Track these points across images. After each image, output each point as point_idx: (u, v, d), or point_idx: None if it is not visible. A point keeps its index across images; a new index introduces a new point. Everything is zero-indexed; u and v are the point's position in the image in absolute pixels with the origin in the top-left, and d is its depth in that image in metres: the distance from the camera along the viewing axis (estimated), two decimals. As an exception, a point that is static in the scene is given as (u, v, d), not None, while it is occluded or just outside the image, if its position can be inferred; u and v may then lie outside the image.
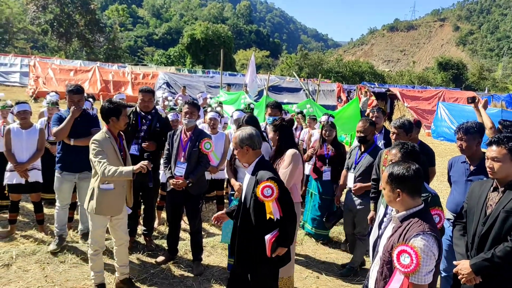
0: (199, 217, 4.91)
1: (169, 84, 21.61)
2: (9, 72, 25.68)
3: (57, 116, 5.00)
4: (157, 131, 5.11)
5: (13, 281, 4.29)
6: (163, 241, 5.42)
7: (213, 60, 53.03)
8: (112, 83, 23.17)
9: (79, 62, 29.04)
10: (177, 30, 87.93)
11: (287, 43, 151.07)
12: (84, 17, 45.14)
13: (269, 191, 3.12)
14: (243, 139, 3.34)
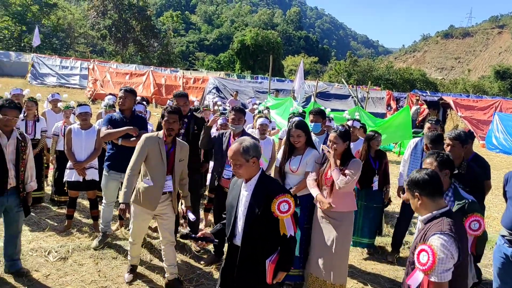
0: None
1: (219, 88, 22.00)
2: (70, 74, 27.08)
3: (108, 117, 5.21)
4: (194, 133, 5.23)
5: (69, 274, 4.53)
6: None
7: (262, 66, 53.39)
8: (165, 87, 23.90)
9: (134, 66, 30.17)
10: (227, 36, 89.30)
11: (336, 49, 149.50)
12: (140, 23, 46.92)
13: (285, 206, 2.85)
14: (249, 149, 2.90)
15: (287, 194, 2.90)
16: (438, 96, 26.21)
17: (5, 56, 30.46)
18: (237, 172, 2.99)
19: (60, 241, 5.42)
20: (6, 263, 4.36)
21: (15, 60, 29.68)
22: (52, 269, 4.59)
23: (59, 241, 5.43)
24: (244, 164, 2.91)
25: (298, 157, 4.43)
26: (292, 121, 4.57)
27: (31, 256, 4.81)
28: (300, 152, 4.45)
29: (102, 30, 46.42)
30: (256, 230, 2.92)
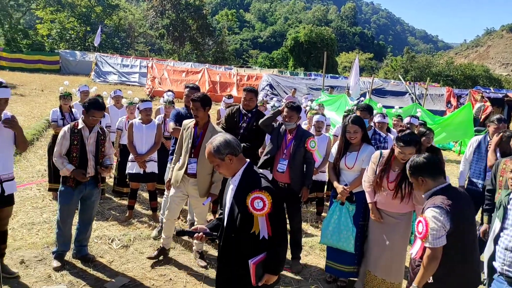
0: (299, 216, 5.00)
1: (272, 86, 22.09)
2: (130, 72, 28.23)
3: (175, 112, 5.47)
4: (252, 128, 5.30)
5: (131, 261, 4.77)
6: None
7: (315, 63, 52.84)
8: (219, 84, 24.34)
9: (190, 64, 30.89)
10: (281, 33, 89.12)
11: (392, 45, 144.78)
12: (196, 22, 47.95)
13: (260, 203, 2.66)
14: (220, 148, 2.78)
15: (264, 191, 2.67)
16: (502, 93, 24.71)
17: (71, 55, 32.25)
18: (219, 172, 2.95)
19: (122, 230, 5.72)
20: (75, 248, 4.67)
21: (80, 59, 31.35)
22: (115, 256, 4.85)
23: (121, 230, 5.72)
24: (220, 163, 2.83)
25: (354, 153, 4.39)
26: (348, 117, 4.53)
27: (96, 243, 5.11)
28: (356, 148, 4.40)
29: (160, 30, 47.93)
30: (238, 228, 2.78)
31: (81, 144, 4.39)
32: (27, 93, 18.79)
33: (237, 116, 5.38)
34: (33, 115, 13.48)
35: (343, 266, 4.43)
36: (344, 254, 4.37)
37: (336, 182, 4.49)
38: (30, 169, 8.19)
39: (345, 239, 4.29)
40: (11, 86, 20.10)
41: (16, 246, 4.86)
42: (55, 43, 41.62)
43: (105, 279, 4.35)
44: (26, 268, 4.40)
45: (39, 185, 7.28)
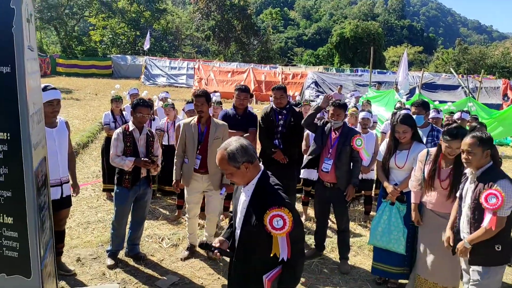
0: (347, 215, 4.92)
1: (318, 83, 21.89)
2: (178, 74, 28.95)
3: (223, 113, 5.54)
4: (291, 125, 5.26)
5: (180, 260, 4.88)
6: (310, 237, 5.55)
7: (362, 58, 51.82)
8: (264, 83, 24.43)
9: (236, 64, 31.28)
10: (326, 29, 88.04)
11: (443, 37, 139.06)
12: (241, 22, 48.39)
13: (280, 222, 2.38)
14: (236, 155, 2.47)
15: (283, 208, 2.39)
16: None
17: (122, 59, 33.52)
18: (231, 180, 2.64)
19: (171, 229, 5.86)
20: (127, 247, 4.83)
21: (130, 63, 32.53)
22: (165, 255, 4.98)
23: (170, 229, 5.86)
24: (235, 172, 2.51)
25: (404, 152, 4.24)
26: (396, 116, 4.39)
27: (147, 242, 5.27)
28: (406, 147, 4.26)
29: (206, 31, 48.76)
30: (251, 242, 2.54)
31: (133, 146, 4.53)
32: (82, 97, 19.71)
33: (272, 115, 5.35)
34: (87, 118, 14.11)
35: (391, 267, 4.31)
36: (393, 254, 4.25)
37: (386, 181, 4.35)
38: (85, 170, 8.58)
39: (396, 240, 4.16)
40: (67, 90, 21.21)
41: (73, 245, 5.10)
42: (107, 48, 43.47)
43: (156, 277, 4.47)
44: (82, 266, 4.61)
45: (94, 186, 7.60)
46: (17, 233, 2.30)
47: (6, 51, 2.17)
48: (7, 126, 2.22)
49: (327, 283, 4.52)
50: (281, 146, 5.23)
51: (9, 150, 2.23)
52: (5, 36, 2.17)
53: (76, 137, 10.13)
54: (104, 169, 6.86)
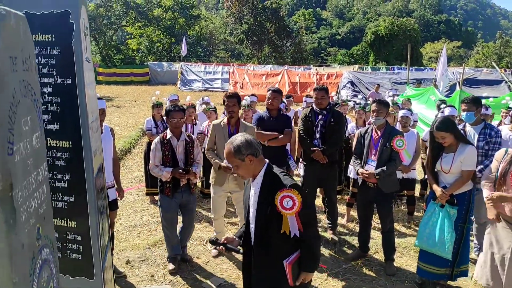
0: (391, 216, 4.86)
1: (353, 83, 21.63)
2: (213, 79, 29.31)
3: (257, 116, 5.58)
4: (331, 125, 5.26)
5: (225, 262, 4.95)
6: (353, 238, 5.52)
7: (398, 56, 50.81)
8: (299, 85, 24.39)
9: (270, 66, 31.32)
10: (359, 28, 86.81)
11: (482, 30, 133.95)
12: (274, 25, 48.49)
13: (289, 202, 2.57)
14: (241, 148, 2.66)
15: (293, 190, 2.59)
16: None
17: (159, 66, 34.26)
18: (238, 173, 2.85)
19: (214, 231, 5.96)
20: None
21: (167, 70, 33.18)
22: (210, 257, 5.07)
23: (213, 231, 5.96)
24: (240, 164, 2.71)
25: (450, 155, 4.09)
26: (432, 123, 4.28)
27: (192, 245, 5.38)
28: (451, 149, 4.10)
29: (240, 35, 49.14)
30: (268, 230, 2.70)
31: (171, 154, 4.57)
32: (122, 104, 20.30)
33: (311, 116, 5.37)
34: (128, 124, 14.53)
35: (436, 268, 4.21)
36: (439, 257, 4.16)
37: (435, 184, 4.23)
38: (129, 175, 8.84)
39: (442, 244, 4.04)
40: (108, 98, 21.89)
41: (122, 247, 5.28)
42: (144, 56, 44.54)
43: (202, 279, 4.57)
44: (132, 268, 4.77)
45: (137, 190, 7.83)
46: (80, 237, 2.43)
47: (67, 63, 2.31)
48: (69, 135, 2.36)
49: (373, 285, 4.48)
50: (320, 146, 5.24)
51: (71, 157, 2.37)
52: (66, 49, 2.31)
53: (119, 143, 10.45)
54: (147, 173, 7.06)
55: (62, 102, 2.34)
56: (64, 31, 2.29)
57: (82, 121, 2.34)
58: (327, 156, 5.22)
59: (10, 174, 0.98)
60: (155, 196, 7.12)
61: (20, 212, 1.03)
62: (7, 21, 1.00)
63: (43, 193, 1.25)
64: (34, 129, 1.20)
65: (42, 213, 1.22)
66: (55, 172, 2.39)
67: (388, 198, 4.75)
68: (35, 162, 1.19)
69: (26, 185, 1.10)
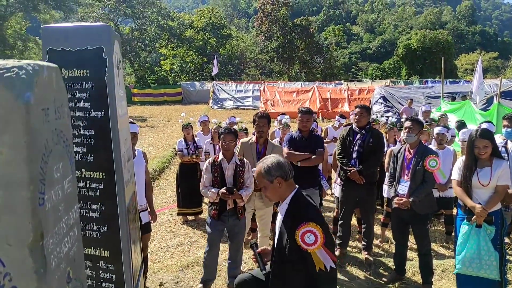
0: (427, 237, 4.71)
1: (386, 98, 21.30)
2: (244, 97, 29.60)
3: (288, 137, 5.56)
4: (369, 145, 5.17)
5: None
6: (389, 260, 5.37)
7: (431, 69, 49.83)
8: (330, 101, 24.25)
9: (300, 83, 31.39)
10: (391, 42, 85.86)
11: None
12: (304, 41, 48.74)
13: (311, 237, 2.44)
14: (271, 169, 2.62)
15: (311, 223, 2.46)
16: None
17: (191, 86, 34.98)
18: (266, 195, 2.79)
19: (246, 253, 5.92)
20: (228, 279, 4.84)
21: (199, 89, 33.82)
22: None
23: (245, 253, 5.93)
24: (268, 186, 2.66)
25: (486, 169, 3.97)
26: (476, 131, 4.15)
27: (224, 266, 5.36)
28: (487, 164, 3.98)
29: (270, 53, 49.62)
30: (285, 261, 2.59)
31: (221, 176, 4.53)
32: (156, 124, 20.75)
33: (350, 135, 5.31)
34: (162, 144, 14.81)
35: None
36: (483, 279, 3.97)
37: (471, 201, 4.03)
38: (162, 195, 8.97)
39: (488, 266, 3.87)
40: (142, 119, 22.45)
41: (155, 269, 5.33)
42: (177, 76, 45.66)
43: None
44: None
45: (171, 210, 7.92)
46: (113, 266, 2.48)
47: (101, 97, 2.40)
48: (103, 166, 2.43)
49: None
50: (357, 166, 5.17)
51: (105, 188, 2.44)
52: (99, 84, 2.40)
53: (152, 164, 10.65)
54: (179, 194, 7.15)
55: (96, 135, 2.43)
56: (98, 67, 2.39)
57: (114, 153, 2.41)
58: (364, 176, 5.14)
59: (41, 224, 1.02)
60: (188, 217, 7.19)
61: (50, 259, 1.07)
62: (40, 76, 1.05)
63: (73, 235, 1.29)
64: (66, 174, 1.24)
65: (72, 256, 1.25)
66: (89, 203, 2.46)
67: (424, 219, 4.61)
68: (66, 206, 1.23)
69: (57, 231, 1.14)
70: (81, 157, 2.42)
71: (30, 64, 1.03)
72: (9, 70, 0.98)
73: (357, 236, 6.13)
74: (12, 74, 0.98)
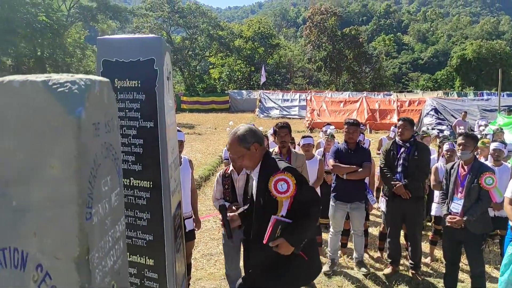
0: (481, 258, 4.44)
1: (437, 110, 20.51)
2: (290, 106, 29.58)
3: (334, 149, 5.48)
4: (414, 158, 5.00)
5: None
6: (438, 280, 5.12)
7: (487, 80, 47.76)
8: (378, 112, 23.70)
9: (348, 93, 30.95)
10: (444, 52, 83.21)
11: None
12: (352, 51, 48.17)
13: (284, 185, 2.53)
14: (246, 136, 2.66)
15: (286, 173, 2.55)
16: None
17: (238, 94, 35.40)
18: (243, 164, 2.82)
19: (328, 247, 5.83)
20: None
21: (246, 97, 34.16)
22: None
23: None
24: (245, 153, 2.69)
25: None
26: None
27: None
28: None
29: (318, 62, 49.39)
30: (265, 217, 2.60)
31: (231, 188, 4.45)
32: (203, 132, 21.11)
33: (393, 149, 5.19)
34: (208, 151, 15.01)
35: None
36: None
37: None
38: (208, 202, 9.05)
39: None
40: (190, 126, 22.91)
41: (198, 276, 5.36)
42: (225, 85, 46.39)
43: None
44: (211, 299, 4.80)
45: (215, 217, 7.96)
46: (157, 275, 2.50)
47: (150, 108, 2.44)
48: (150, 175, 2.47)
49: None
50: (402, 181, 5.00)
51: (151, 197, 2.47)
52: (150, 94, 2.44)
53: (199, 171, 10.80)
54: (224, 201, 7.18)
55: (145, 144, 2.47)
56: (149, 78, 2.43)
57: (162, 162, 2.44)
58: (410, 191, 4.97)
59: (87, 239, 1.03)
60: (232, 225, 7.21)
61: (95, 273, 1.08)
62: (91, 91, 1.07)
63: (119, 248, 1.30)
64: (114, 187, 1.26)
65: (117, 269, 1.26)
66: (136, 211, 2.51)
67: (479, 239, 4.36)
68: (113, 220, 1.25)
69: (103, 245, 1.15)
70: (130, 165, 2.47)
71: (82, 79, 1.05)
72: (63, 85, 1.01)
73: (404, 253, 5.89)
74: (65, 89, 1.00)
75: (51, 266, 1.00)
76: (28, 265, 1.02)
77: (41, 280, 1.03)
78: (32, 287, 1.01)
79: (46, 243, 1.00)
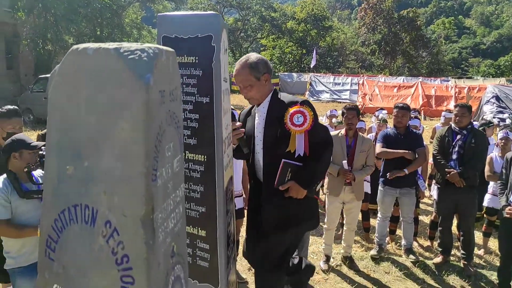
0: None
1: (499, 97, 19.43)
2: (341, 90, 29.03)
3: (383, 134, 5.38)
4: (471, 146, 4.82)
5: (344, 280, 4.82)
6: (492, 273, 4.95)
7: (558, 67, 44.49)
8: (434, 98, 22.76)
9: (402, 78, 29.91)
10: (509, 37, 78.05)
11: None
12: (409, 34, 46.34)
13: (300, 118, 2.43)
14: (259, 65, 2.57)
15: (306, 106, 2.44)
16: None
17: (289, 77, 35.12)
18: (249, 95, 2.69)
19: (335, 247, 5.84)
20: None
21: (296, 80, 33.82)
22: (330, 273, 4.98)
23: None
24: (255, 84, 2.60)
25: None
26: None
27: (312, 259, 5.34)
28: None
29: (372, 45, 47.96)
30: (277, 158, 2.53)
31: None
32: (252, 113, 21.22)
33: (449, 135, 5.02)
34: (257, 133, 15.12)
35: None
36: None
37: None
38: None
39: None
40: (240, 107, 23.10)
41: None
42: (275, 67, 46.09)
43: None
44: (253, 275, 4.89)
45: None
46: (208, 246, 2.60)
47: (207, 84, 2.50)
48: (205, 149, 2.54)
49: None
50: (457, 168, 4.83)
51: (205, 170, 2.55)
52: (207, 70, 2.50)
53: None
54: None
55: (200, 119, 2.53)
56: (206, 54, 2.48)
57: (216, 137, 2.50)
58: (464, 179, 4.80)
59: (152, 199, 1.09)
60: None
61: (158, 232, 1.14)
62: (159, 59, 1.12)
63: (179, 212, 1.36)
64: (176, 154, 1.32)
65: (177, 231, 1.33)
66: (190, 183, 2.59)
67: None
68: (174, 184, 1.31)
69: (165, 207, 1.21)
70: (185, 139, 2.55)
71: (151, 48, 1.10)
72: (133, 52, 1.06)
73: (456, 243, 5.71)
74: (135, 56, 1.05)
75: (118, 223, 1.08)
76: (97, 221, 1.11)
77: (109, 236, 1.10)
78: (100, 242, 1.10)
79: (115, 201, 1.08)
